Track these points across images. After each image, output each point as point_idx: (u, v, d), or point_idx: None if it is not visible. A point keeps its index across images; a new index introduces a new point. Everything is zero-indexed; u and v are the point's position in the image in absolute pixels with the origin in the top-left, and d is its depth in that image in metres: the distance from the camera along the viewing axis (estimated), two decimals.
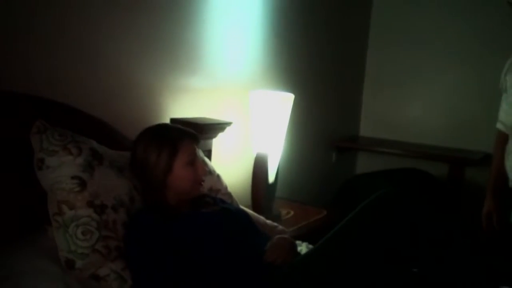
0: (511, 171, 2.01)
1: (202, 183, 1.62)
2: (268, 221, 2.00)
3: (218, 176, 1.95)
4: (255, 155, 2.44)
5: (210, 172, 1.92)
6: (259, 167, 2.42)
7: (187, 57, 2.28)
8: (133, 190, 1.57)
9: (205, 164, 1.65)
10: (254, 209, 2.39)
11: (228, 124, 2.23)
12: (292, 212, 2.58)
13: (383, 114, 3.96)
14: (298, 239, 2.11)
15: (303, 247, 1.96)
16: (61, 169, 1.44)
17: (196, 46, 2.32)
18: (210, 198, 1.73)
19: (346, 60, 3.75)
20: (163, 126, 1.67)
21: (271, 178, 2.45)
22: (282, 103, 2.40)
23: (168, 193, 1.57)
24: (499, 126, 2.17)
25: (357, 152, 4.08)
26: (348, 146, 3.85)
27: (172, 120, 2.13)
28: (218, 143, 2.32)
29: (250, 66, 2.68)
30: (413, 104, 3.82)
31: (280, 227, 2.00)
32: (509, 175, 2.02)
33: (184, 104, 2.27)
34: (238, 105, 2.58)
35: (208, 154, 2.19)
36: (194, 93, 2.33)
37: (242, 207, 2.00)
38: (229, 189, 2.01)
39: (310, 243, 2.03)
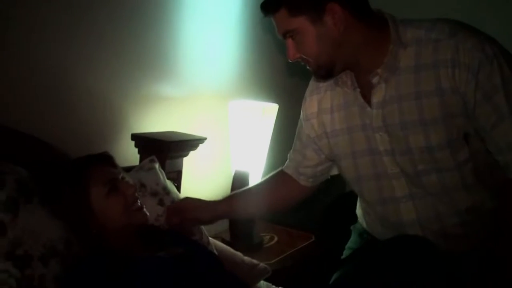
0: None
1: (139, 204, 1.29)
2: (246, 259, 1.68)
3: None
4: (233, 174, 2.14)
5: (174, 201, 1.60)
6: (238, 187, 2.12)
7: (154, 61, 1.96)
8: (71, 232, 1.24)
9: (130, 183, 1.31)
10: (231, 237, 2.10)
11: (201, 140, 1.91)
12: (276, 238, 2.29)
13: None
14: (283, 274, 1.84)
15: None
16: None
17: (165, 49, 2.00)
18: (171, 237, 1.40)
19: None
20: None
21: None
22: (265, 114, 2.10)
23: (105, 235, 1.24)
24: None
25: None
26: None
27: (134, 135, 1.81)
28: (190, 162, 2.00)
29: (229, 72, 2.36)
30: None
31: (261, 265, 1.67)
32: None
33: (150, 116, 1.95)
34: (215, 117, 2.26)
35: (178, 175, 1.87)
36: (163, 104, 2.01)
37: (213, 242, 1.68)
38: None
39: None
